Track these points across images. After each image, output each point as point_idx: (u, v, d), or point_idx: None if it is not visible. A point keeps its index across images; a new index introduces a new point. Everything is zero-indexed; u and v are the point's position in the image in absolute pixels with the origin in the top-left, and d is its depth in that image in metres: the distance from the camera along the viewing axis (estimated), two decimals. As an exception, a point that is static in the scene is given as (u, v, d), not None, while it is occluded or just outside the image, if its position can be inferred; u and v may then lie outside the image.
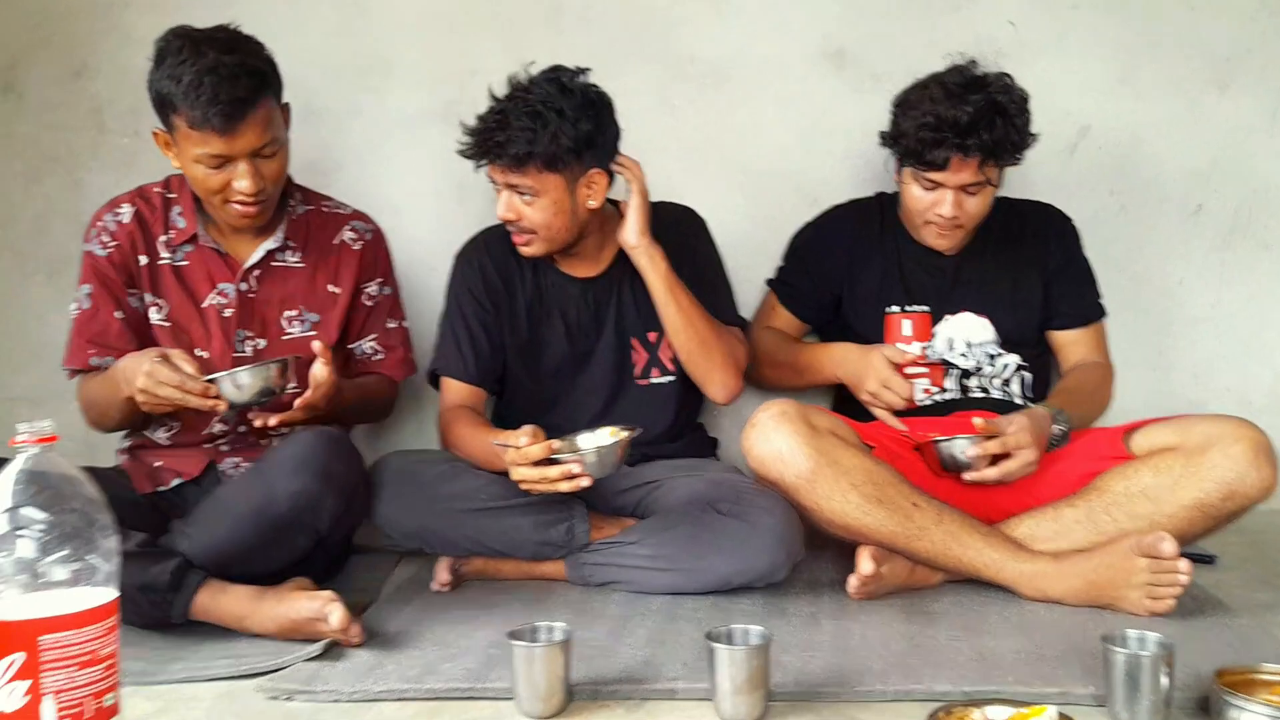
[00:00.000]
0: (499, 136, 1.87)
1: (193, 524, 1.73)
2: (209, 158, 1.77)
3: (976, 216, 2.03)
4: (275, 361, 1.78)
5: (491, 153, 1.89)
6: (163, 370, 1.68)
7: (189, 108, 1.73)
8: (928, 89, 1.98)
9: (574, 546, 1.92)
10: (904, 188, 2.07)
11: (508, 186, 1.93)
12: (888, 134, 2.06)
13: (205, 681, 1.53)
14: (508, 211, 1.95)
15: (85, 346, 1.89)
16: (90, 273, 1.90)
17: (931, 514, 1.81)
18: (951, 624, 1.71)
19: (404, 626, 1.72)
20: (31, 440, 1.11)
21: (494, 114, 1.90)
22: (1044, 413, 1.93)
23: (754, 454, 1.84)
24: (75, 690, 1.07)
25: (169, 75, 1.75)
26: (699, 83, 2.45)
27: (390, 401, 2.11)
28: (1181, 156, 2.44)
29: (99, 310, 1.89)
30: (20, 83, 2.44)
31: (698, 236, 2.16)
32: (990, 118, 1.92)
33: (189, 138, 1.77)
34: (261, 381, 1.75)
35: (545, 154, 1.87)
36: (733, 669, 1.37)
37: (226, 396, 1.72)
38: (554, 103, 1.88)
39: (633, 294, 2.07)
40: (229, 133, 1.75)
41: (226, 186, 1.80)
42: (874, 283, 2.14)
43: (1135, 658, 1.35)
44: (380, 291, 2.04)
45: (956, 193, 1.98)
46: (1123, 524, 1.80)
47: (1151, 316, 2.47)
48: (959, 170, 1.95)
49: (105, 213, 1.92)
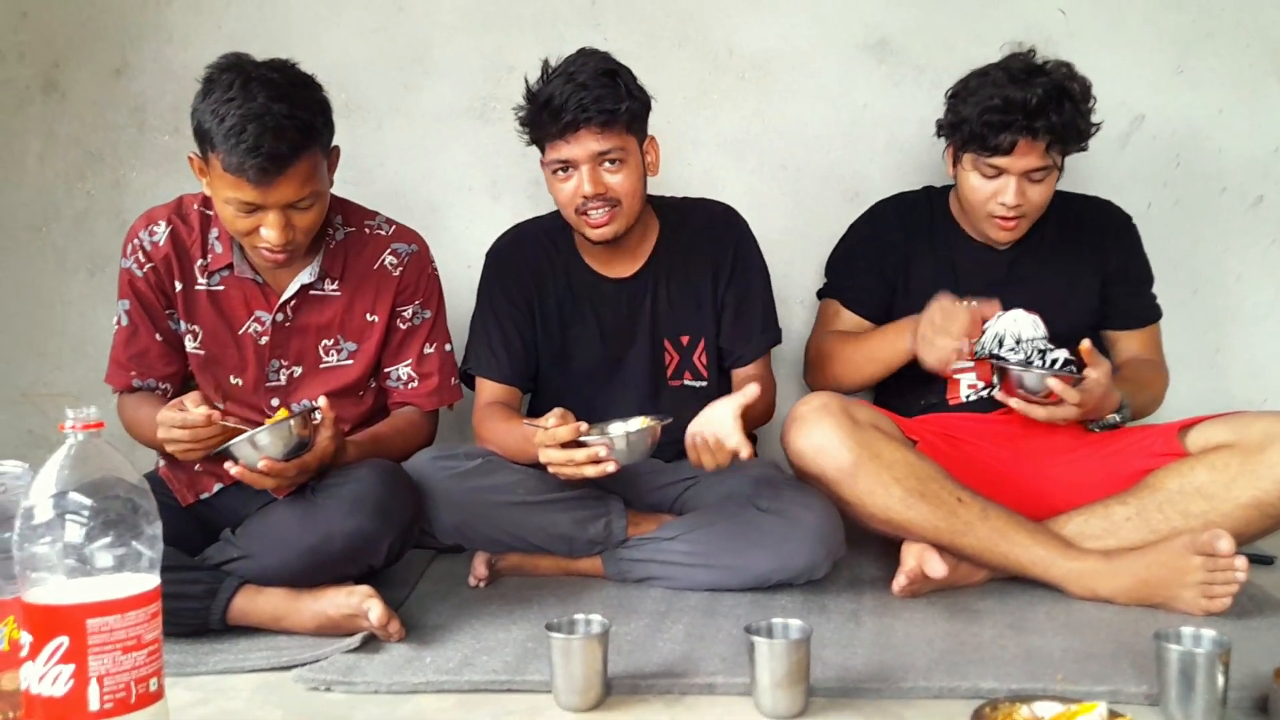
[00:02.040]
0: (582, 97, 1.80)
1: (243, 546, 1.70)
2: (240, 203, 1.68)
3: (1039, 206, 1.99)
4: (290, 419, 1.67)
5: (578, 117, 1.81)
6: (169, 414, 1.64)
7: (226, 151, 1.63)
8: (988, 75, 1.94)
9: (611, 542, 1.90)
10: (962, 178, 2.02)
11: (590, 159, 1.85)
12: (946, 123, 2.02)
13: (244, 673, 1.54)
14: (594, 185, 1.86)
15: (127, 366, 1.86)
16: (128, 289, 1.86)
17: (976, 510, 1.78)
18: (997, 622, 1.68)
19: (441, 620, 1.72)
20: (78, 427, 1.11)
21: (562, 83, 1.83)
22: (1117, 396, 1.90)
23: (794, 447, 1.82)
24: (120, 674, 1.08)
25: (212, 111, 1.65)
26: (737, 76, 2.43)
27: (425, 441, 1.97)
28: (1240, 147, 2.39)
29: (138, 330, 1.86)
30: (63, 82, 2.47)
31: (741, 244, 2.06)
32: (1058, 100, 1.89)
33: (222, 179, 1.67)
34: (281, 441, 1.63)
35: (629, 111, 1.84)
36: (772, 663, 1.35)
37: (244, 461, 1.62)
38: (613, 63, 1.87)
39: (667, 295, 2.03)
40: (263, 185, 1.65)
41: (254, 231, 1.71)
42: (925, 278, 2.09)
43: (1190, 655, 1.31)
44: (417, 314, 1.93)
45: (1020, 179, 1.94)
46: (1176, 522, 1.76)
47: (1207, 313, 2.41)
48: (1025, 154, 1.91)
49: (141, 229, 1.85)
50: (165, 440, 1.67)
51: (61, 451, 1.11)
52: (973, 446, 1.97)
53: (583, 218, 1.90)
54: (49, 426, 2.49)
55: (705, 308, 2.04)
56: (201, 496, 1.87)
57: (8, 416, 2.54)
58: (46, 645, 1.06)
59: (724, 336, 2.05)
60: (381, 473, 1.73)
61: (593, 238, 1.92)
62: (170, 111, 2.44)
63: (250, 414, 1.87)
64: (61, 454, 1.11)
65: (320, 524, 1.66)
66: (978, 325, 2.03)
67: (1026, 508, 1.83)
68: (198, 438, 1.64)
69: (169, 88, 2.43)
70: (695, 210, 2.07)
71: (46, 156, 2.49)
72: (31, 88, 2.47)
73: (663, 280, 2.03)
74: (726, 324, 2.05)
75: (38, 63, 2.47)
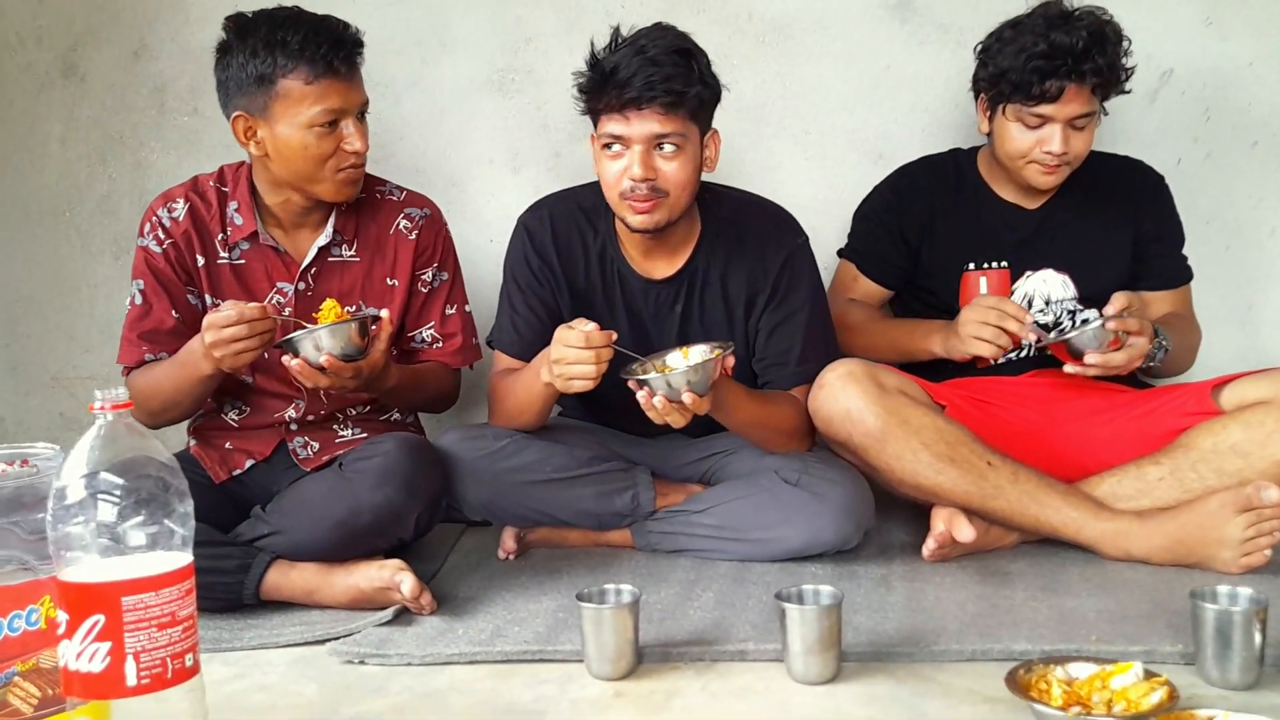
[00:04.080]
0: (651, 74, 1.67)
1: (274, 522, 1.71)
2: (325, 114, 1.73)
3: (1081, 155, 1.95)
4: (354, 320, 1.71)
5: (643, 95, 1.68)
6: (220, 315, 1.64)
7: (308, 62, 1.71)
8: (1023, 24, 1.90)
9: (640, 514, 1.90)
10: (1002, 131, 1.97)
11: (646, 140, 1.72)
12: (983, 77, 1.98)
13: (279, 648, 1.56)
14: (645, 169, 1.72)
15: (139, 343, 1.84)
16: (144, 268, 1.85)
17: (1007, 473, 1.76)
18: (1029, 584, 1.67)
19: (472, 593, 1.73)
20: (108, 407, 1.12)
21: (631, 54, 1.69)
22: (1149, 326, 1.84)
23: (822, 414, 1.81)
24: (156, 650, 1.08)
25: (265, 46, 1.72)
26: (757, 39, 2.39)
27: (450, 392, 2.00)
28: (1271, 99, 2.32)
29: (152, 307, 1.84)
30: (82, 65, 2.47)
31: (790, 266, 1.88)
32: (1101, 42, 1.86)
33: (305, 97, 1.72)
34: (342, 343, 1.67)
35: (698, 96, 1.72)
36: (804, 629, 1.35)
37: (306, 356, 1.66)
38: (689, 42, 1.75)
39: (699, 305, 1.90)
40: (349, 78, 1.75)
41: (336, 151, 1.76)
42: (951, 240, 2.06)
43: (1226, 613, 1.30)
44: (436, 277, 1.94)
45: (1064, 127, 1.90)
46: (1210, 481, 1.74)
47: (1241, 269, 2.36)
48: (1071, 100, 1.88)
49: (159, 207, 1.85)
50: (215, 344, 1.64)
51: (92, 432, 1.11)
52: (1002, 409, 1.95)
53: (626, 201, 1.77)
54: (79, 409, 2.52)
55: (738, 325, 1.91)
56: (234, 473, 1.88)
57: (39, 401, 2.57)
58: (83, 623, 1.07)
59: (757, 361, 1.93)
60: (408, 446, 1.74)
61: (633, 225, 1.79)
62: (189, 93, 2.44)
63: (278, 385, 1.88)
64: (92, 434, 1.11)
65: (348, 498, 1.67)
66: (1006, 288, 2.01)
67: (1058, 470, 1.82)
68: (255, 330, 1.64)
69: (187, 68, 2.43)
70: (748, 215, 1.92)
71: (68, 140, 2.50)
72: (51, 72, 2.48)
73: (697, 289, 1.90)
74: (760, 349, 1.91)
75: (56, 46, 2.47)
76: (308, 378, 1.68)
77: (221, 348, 1.64)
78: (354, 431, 1.92)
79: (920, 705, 1.30)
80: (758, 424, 1.86)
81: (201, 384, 1.75)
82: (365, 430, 1.92)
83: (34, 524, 1.15)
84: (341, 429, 1.92)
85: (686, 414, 1.65)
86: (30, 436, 2.07)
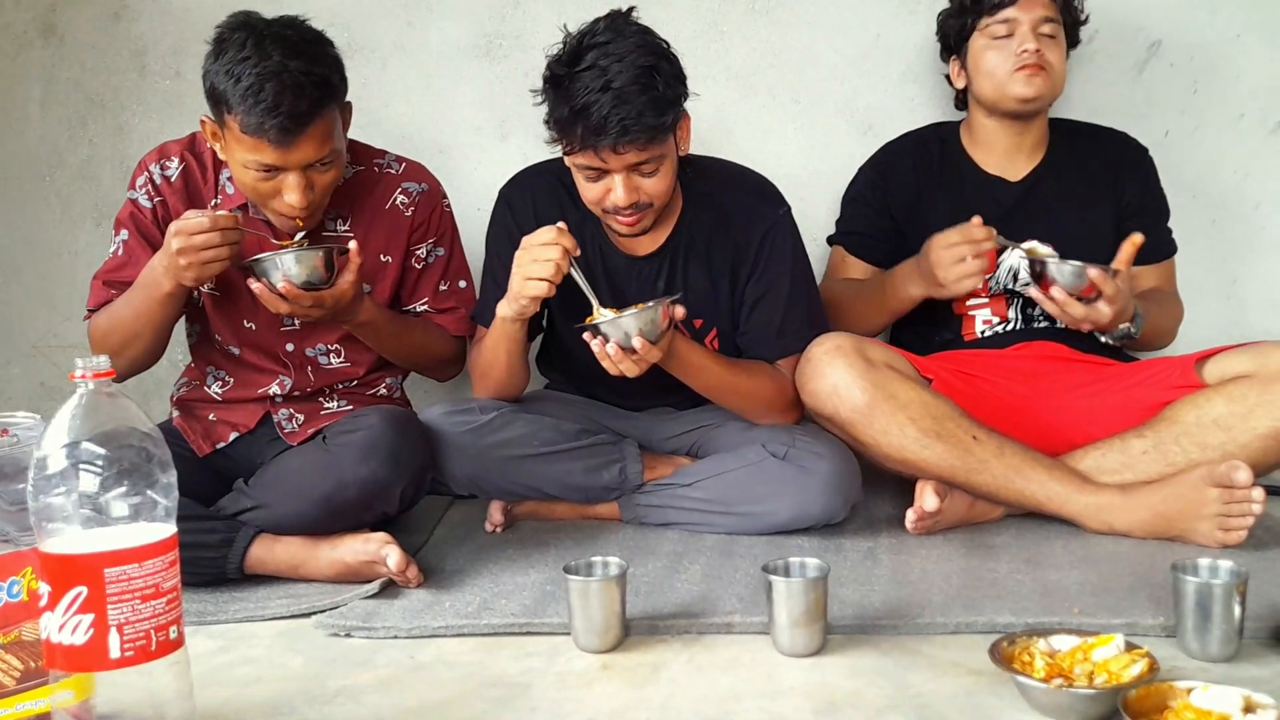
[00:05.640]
0: (624, 116, 1.61)
1: (257, 496, 1.70)
2: (260, 165, 1.65)
3: (1056, 66, 1.99)
4: (320, 248, 1.69)
5: (619, 140, 1.62)
6: (189, 221, 1.61)
7: (244, 113, 1.59)
8: None
9: (627, 488, 1.90)
10: (977, 64, 2.02)
11: (626, 168, 1.68)
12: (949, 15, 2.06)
13: (265, 621, 1.55)
14: (629, 194, 1.70)
15: (105, 290, 1.80)
16: (129, 220, 1.81)
17: (992, 447, 1.77)
18: (1013, 557, 1.68)
19: (459, 566, 1.72)
20: (89, 375, 1.10)
21: (598, 90, 1.61)
22: (1133, 305, 1.88)
23: (808, 389, 1.81)
24: (140, 622, 1.08)
25: (227, 71, 1.60)
26: (748, 7, 2.37)
27: (451, 356, 1.97)
28: (1259, 71, 2.32)
29: (133, 258, 1.80)
30: (61, 25, 2.43)
31: (771, 237, 1.86)
32: None
33: (240, 142, 1.63)
34: (306, 270, 1.66)
35: (673, 118, 1.67)
36: (790, 601, 1.35)
37: (269, 280, 1.65)
38: (649, 54, 1.65)
39: (684, 277, 1.87)
40: (284, 145, 1.61)
41: (275, 195, 1.68)
42: (938, 212, 2.05)
43: (1206, 586, 1.31)
44: (431, 254, 1.91)
45: (1034, 33, 1.96)
46: (1193, 455, 1.75)
47: (1226, 243, 2.36)
48: (1031, 6, 1.95)
49: (152, 161, 1.81)
50: (183, 250, 1.61)
51: (73, 401, 1.10)
52: (988, 383, 1.96)
53: (610, 215, 1.76)
54: (61, 378, 2.50)
55: (723, 299, 1.89)
56: (218, 446, 1.86)
57: (20, 370, 2.54)
58: (65, 595, 1.06)
59: (740, 334, 1.91)
60: (393, 419, 1.73)
61: (621, 233, 1.80)
62: (171, 55, 2.40)
63: (264, 360, 1.87)
64: (73, 403, 1.10)
65: (333, 472, 1.66)
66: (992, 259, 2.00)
67: (1043, 443, 1.82)
68: (228, 239, 1.64)
69: (169, 30, 2.39)
70: (729, 186, 1.89)
71: (47, 103, 2.45)
72: (30, 32, 2.43)
73: (680, 262, 1.88)
74: (743, 322, 1.90)
75: (35, 6, 2.42)
76: (269, 302, 1.68)
77: (189, 254, 1.62)
78: (340, 404, 1.90)
79: (905, 677, 1.31)
80: (730, 389, 1.85)
81: (163, 306, 1.71)
82: (351, 403, 1.90)
83: (14, 494, 1.15)
84: (327, 401, 1.91)
85: (641, 363, 1.66)
86: (11, 406, 2.05)
